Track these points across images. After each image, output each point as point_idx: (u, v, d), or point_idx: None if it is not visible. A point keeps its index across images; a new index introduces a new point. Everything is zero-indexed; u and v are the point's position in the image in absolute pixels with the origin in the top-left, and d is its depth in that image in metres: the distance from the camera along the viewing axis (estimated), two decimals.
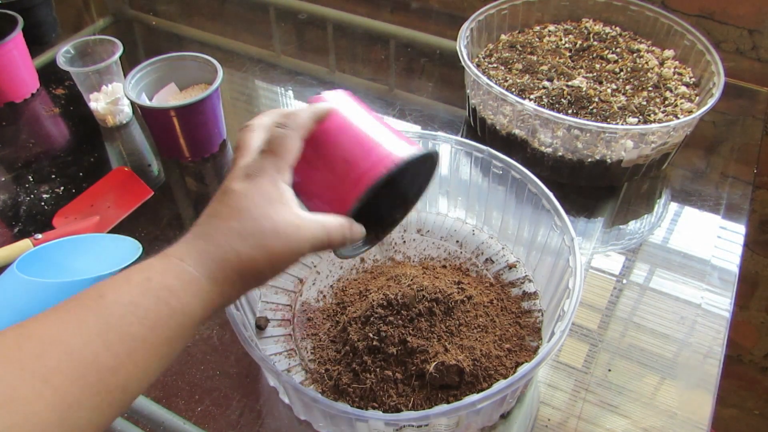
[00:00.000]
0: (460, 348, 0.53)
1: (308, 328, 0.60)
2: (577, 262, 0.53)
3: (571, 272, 0.53)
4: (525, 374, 0.45)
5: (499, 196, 0.65)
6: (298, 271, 0.65)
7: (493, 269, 0.65)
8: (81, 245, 0.67)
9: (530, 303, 0.61)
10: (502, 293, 0.62)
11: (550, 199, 0.58)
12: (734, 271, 0.66)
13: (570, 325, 0.48)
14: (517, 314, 0.60)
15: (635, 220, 0.72)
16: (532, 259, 0.64)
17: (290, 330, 0.60)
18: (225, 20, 1.11)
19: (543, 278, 0.61)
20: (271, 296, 0.63)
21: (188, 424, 0.54)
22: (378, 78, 0.95)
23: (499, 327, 0.57)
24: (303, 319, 0.61)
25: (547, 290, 0.60)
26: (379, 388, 0.52)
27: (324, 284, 0.64)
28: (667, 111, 0.73)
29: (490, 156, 0.63)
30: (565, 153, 0.71)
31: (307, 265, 0.66)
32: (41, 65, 0.98)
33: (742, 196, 0.74)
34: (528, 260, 0.65)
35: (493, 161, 0.63)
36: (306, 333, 0.60)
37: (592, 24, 0.88)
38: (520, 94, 0.75)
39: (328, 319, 0.60)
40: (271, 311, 0.61)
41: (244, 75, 0.97)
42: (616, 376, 0.57)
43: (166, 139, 0.78)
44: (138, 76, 0.79)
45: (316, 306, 0.62)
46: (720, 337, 0.60)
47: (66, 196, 0.76)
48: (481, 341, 0.55)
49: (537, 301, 0.61)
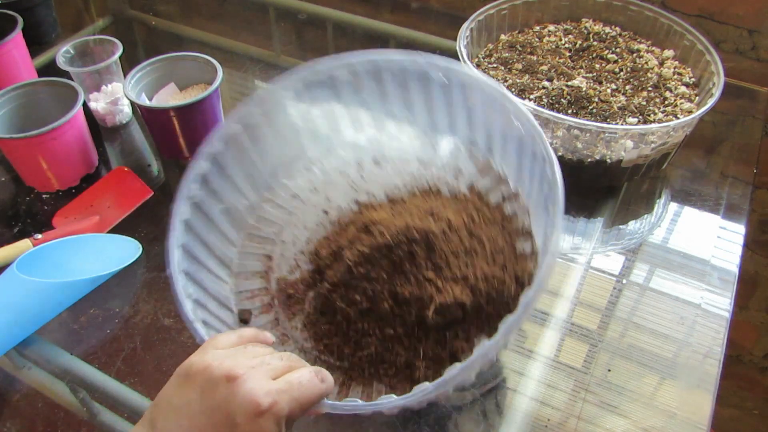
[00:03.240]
0: (453, 281, 0.50)
1: (293, 305, 0.56)
2: (549, 151, 0.47)
3: (546, 160, 0.47)
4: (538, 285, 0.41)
5: (448, 101, 0.58)
6: (263, 247, 0.59)
7: (464, 179, 0.60)
8: (81, 245, 0.67)
9: (512, 205, 0.56)
10: (481, 203, 0.56)
11: (504, 95, 0.51)
12: (734, 271, 0.66)
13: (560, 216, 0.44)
14: (501, 222, 0.55)
15: (635, 220, 0.72)
16: (503, 157, 0.57)
17: (274, 314, 0.55)
18: (225, 20, 1.11)
19: (519, 174, 0.55)
20: (243, 284, 0.56)
21: None
22: None
23: (486, 243, 0.53)
24: (284, 297, 0.56)
25: (527, 185, 0.54)
26: (385, 349, 0.49)
27: (293, 252, 0.58)
28: (667, 111, 0.73)
29: (428, 65, 0.56)
30: (564, 153, 0.71)
31: (269, 237, 0.59)
32: (41, 65, 0.98)
33: (741, 196, 0.74)
34: (501, 158, 0.58)
35: (431, 70, 0.56)
36: (292, 312, 0.55)
37: (592, 24, 0.88)
38: (520, 94, 0.75)
39: (309, 289, 0.56)
40: (249, 300, 0.56)
41: (244, 75, 0.97)
42: (616, 376, 0.57)
43: (166, 139, 0.78)
44: (138, 76, 0.79)
45: (293, 279, 0.57)
46: (720, 337, 0.60)
47: (66, 196, 0.76)
48: (473, 266, 0.51)
49: (519, 202, 0.55)
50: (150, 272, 0.67)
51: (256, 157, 0.58)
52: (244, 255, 0.57)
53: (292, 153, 0.61)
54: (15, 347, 0.60)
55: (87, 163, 0.78)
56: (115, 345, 0.60)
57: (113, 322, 0.62)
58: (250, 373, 0.38)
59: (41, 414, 0.56)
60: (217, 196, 0.55)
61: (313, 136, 0.62)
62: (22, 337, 0.61)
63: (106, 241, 0.69)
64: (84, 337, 0.61)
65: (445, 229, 0.52)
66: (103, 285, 0.65)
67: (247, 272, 0.57)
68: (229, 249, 0.56)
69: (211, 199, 0.54)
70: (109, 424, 0.55)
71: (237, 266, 0.56)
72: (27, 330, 0.61)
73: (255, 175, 0.59)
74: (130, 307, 0.64)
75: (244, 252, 0.57)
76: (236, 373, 0.37)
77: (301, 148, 0.62)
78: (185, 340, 0.60)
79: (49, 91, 0.77)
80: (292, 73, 0.57)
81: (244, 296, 0.56)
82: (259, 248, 0.58)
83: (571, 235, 0.71)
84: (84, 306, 0.64)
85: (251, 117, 0.56)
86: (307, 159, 0.62)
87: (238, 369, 0.38)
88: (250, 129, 0.56)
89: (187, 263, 0.51)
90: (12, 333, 0.60)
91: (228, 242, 0.56)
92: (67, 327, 0.62)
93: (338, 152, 0.63)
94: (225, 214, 0.56)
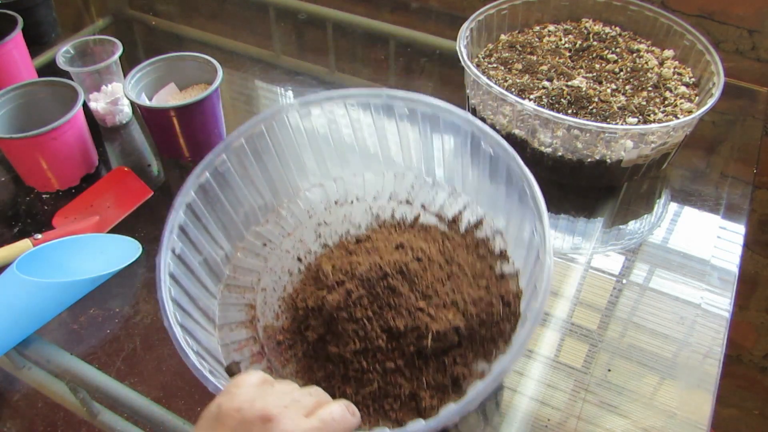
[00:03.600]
0: (444, 308, 0.50)
1: (284, 351, 0.54)
2: (515, 156, 0.49)
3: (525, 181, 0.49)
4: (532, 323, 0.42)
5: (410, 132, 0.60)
6: (243, 297, 0.58)
7: (432, 209, 0.61)
8: (81, 245, 0.67)
9: (484, 229, 0.57)
10: (451, 231, 0.57)
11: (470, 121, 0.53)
12: (734, 271, 0.66)
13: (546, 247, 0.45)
14: (474, 247, 0.56)
15: (635, 220, 0.72)
16: (462, 182, 0.59)
17: (266, 362, 0.54)
18: (225, 20, 1.11)
19: (480, 197, 0.57)
20: (228, 336, 0.55)
21: (188, 424, 0.54)
22: (378, 78, 0.95)
23: (466, 267, 0.53)
24: (273, 344, 0.55)
25: (493, 209, 0.55)
26: (387, 383, 0.49)
27: (275, 298, 0.58)
28: (667, 111, 0.73)
29: (389, 98, 0.57)
30: (564, 153, 0.71)
31: (248, 286, 0.59)
32: (41, 65, 0.98)
33: (741, 196, 0.74)
34: (460, 185, 0.59)
35: (395, 102, 0.57)
36: (284, 358, 0.54)
37: (592, 24, 0.88)
38: (520, 94, 0.75)
39: (298, 335, 0.54)
40: (237, 352, 0.54)
41: (244, 75, 0.97)
42: (616, 376, 0.57)
43: (165, 139, 0.78)
44: (138, 76, 0.79)
45: (279, 326, 0.56)
46: (720, 337, 0.60)
47: (66, 196, 0.76)
48: (459, 291, 0.51)
49: (487, 226, 0.57)
50: (150, 272, 0.67)
51: (228, 205, 0.58)
52: (224, 306, 0.56)
53: (261, 200, 0.61)
54: (15, 347, 0.60)
55: (87, 163, 0.78)
56: (115, 345, 0.60)
57: (113, 322, 0.62)
58: (284, 413, 0.38)
59: (41, 414, 0.56)
60: (195, 247, 0.54)
61: (281, 180, 0.62)
62: (22, 337, 0.61)
63: (106, 241, 0.69)
64: (84, 337, 0.61)
65: (422, 257, 0.53)
66: (103, 285, 0.65)
67: (231, 323, 0.56)
68: (211, 301, 0.55)
69: (191, 250, 0.53)
70: (109, 424, 0.55)
71: (219, 318, 0.55)
72: (27, 330, 0.61)
73: (228, 225, 0.58)
74: (130, 307, 0.64)
75: (225, 303, 0.56)
76: (270, 414, 0.37)
77: (271, 193, 0.62)
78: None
79: (49, 91, 0.77)
80: (258, 118, 0.58)
81: (231, 348, 0.54)
82: (239, 298, 0.58)
83: (571, 235, 0.71)
84: (84, 306, 0.64)
85: (221, 164, 0.56)
86: (275, 204, 0.63)
87: (272, 410, 0.37)
88: (219, 177, 0.56)
89: (180, 316, 0.49)
90: (12, 333, 0.60)
91: (209, 294, 0.55)
92: (67, 327, 0.62)
93: (305, 195, 0.64)
94: (204, 265, 0.55)
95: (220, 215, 0.57)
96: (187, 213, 0.53)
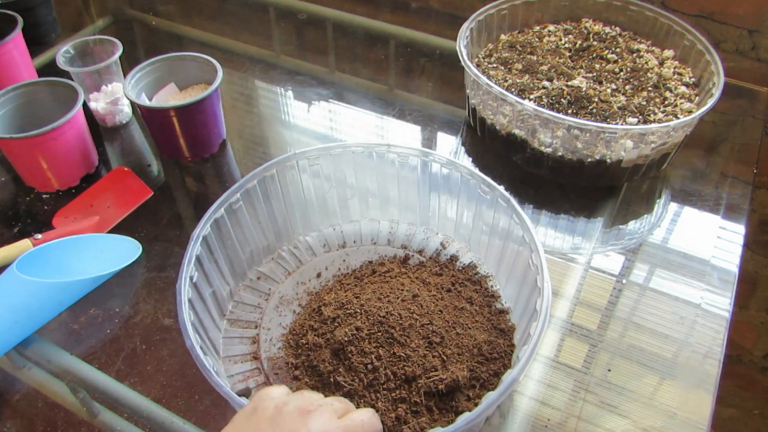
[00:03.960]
0: (451, 353, 0.51)
1: (290, 381, 0.55)
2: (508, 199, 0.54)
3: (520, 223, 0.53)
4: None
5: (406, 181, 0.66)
6: (246, 331, 0.60)
7: (427, 254, 0.65)
8: (81, 245, 0.67)
9: (472, 271, 0.62)
10: (449, 274, 0.61)
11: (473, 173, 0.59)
12: (734, 271, 0.66)
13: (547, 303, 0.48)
14: (470, 286, 0.59)
15: (635, 220, 0.72)
16: (466, 229, 0.64)
17: None
18: (225, 20, 1.11)
19: (473, 242, 0.63)
20: (232, 368, 0.56)
21: (188, 424, 0.54)
22: (378, 78, 0.95)
23: (466, 305, 0.56)
24: (282, 375, 0.56)
25: (485, 252, 0.62)
26: (396, 420, 0.49)
27: (277, 333, 0.59)
28: (667, 111, 0.73)
29: (388, 149, 0.64)
30: (564, 153, 0.71)
31: (251, 321, 0.60)
32: (41, 65, 0.98)
33: (741, 196, 0.74)
34: (462, 231, 0.65)
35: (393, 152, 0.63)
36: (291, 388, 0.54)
37: (592, 24, 0.88)
38: (520, 94, 0.75)
39: (302, 369, 0.55)
40: (241, 383, 0.55)
41: (244, 75, 0.97)
42: (616, 376, 0.57)
43: (165, 139, 0.78)
44: (138, 76, 0.79)
45: (283, 358, 0.57)
46: (720, 337, 0.60)
47: (66, 196, 0.76)
48: (464, 333, 0.53)
49: (479, 267, 0.62)
50: (150, 272, 0.67)
51: (237, 243, 0.61)
52: (228, 340, 0.59)
53: (265, 241, 0.65)
54: (15, 347, 0.60)
55: (87, 163, 0.78)
56: (115, 345, 0.60)
57: (113, 322, 0.62)
58: (320, 409, 0.40)
59: (41, 414, 0.56)
60: (207, 278, 0.57)
61: (285, 223, 0.66)
62: (22, 337, 0.61)
63: (106, 241, 0.69)
64: (84, 337, 0.61)
65: (422, 295, 0.56)
66: (103, 285, 0.65)
67: (235, 356, 0.58)
68: (216, 333, 0.58)
69: (203, 281, 0.56)
70: (109, 424, 0.55)
71: (223, 351, 0.57)
72: (27, 330, 0.61)
73: (234, 262, 0.62)
74: (130, 307, 0.64)
75: (228, 337, 0.59)
76: (308, 408, 0.40)
77: (274, 235, 0.66)
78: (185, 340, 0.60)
79: (49, 91, 0.77)
80: (271, 162, 0.62)
81: (236, 379, 0.56)
82: (242, 332, 0.60)
83: (571, 235, 0.71)
84: (84, 306, 0.64)
85: (236, 202, 0.60)
86: (277, 245, 0.67)
87: (308, 405, 0.40)
88: (232, 214, 0.60)
89: (198, 339, 0.51)
90: (12, 333, 0.60)
91: (215, 326, 0.58)
92: (67, 327, 0.62)
93: (304, 239, 0.68)
94: (212, 297, 0.58)
95: (229, 251, 0.61)
96: (203, 245, 0.56)
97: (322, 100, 0.91)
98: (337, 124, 0.88)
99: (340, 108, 0.90)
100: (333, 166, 0.65)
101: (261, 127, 0.88)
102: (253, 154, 0.83)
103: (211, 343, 0.55)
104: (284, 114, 0.91)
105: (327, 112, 0.90)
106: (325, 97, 0.92)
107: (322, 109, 0.90)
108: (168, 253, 0.69)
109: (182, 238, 0.70)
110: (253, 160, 0.82)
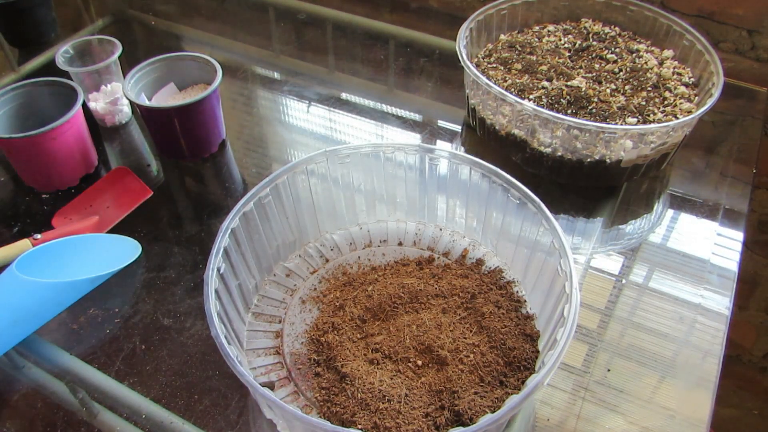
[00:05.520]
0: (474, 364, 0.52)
1: (311, 378, 0.55)
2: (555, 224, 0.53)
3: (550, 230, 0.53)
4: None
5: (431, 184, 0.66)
6: (270, 325, 0.60)
7: (452, 256, 0.65)
8: (80, 245, 0.67)
9: (498, 275, 0.62)
10: (474, 278, 0.61)
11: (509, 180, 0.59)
12: (733, 271, 0.66)
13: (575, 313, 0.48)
14: (497, 290, 0.60)
15: (634, 220, 0.72)
16: (494, 233, 0.64)
17: (293, 386, 0.55)
18: (225, 20, 1.11)
19: (500, 246, 0.63)
20: (255, 361, 0.57)
21: (188, 424, 0.54)
22: (377, 78, 0.95)
23: (494, 308, 0.57)
24: (301, 371, 0.56)
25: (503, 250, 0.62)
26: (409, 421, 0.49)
27: (300, 329, 0.59)
28: (667, 111, 0.73)
29: (423, 150, 0.64)
30: (564, 153, 0.71)
31: (276, 315, 0.61)
32: (40, 65, 0.98)
33: (741, 196, 0.74)
34: (490, 234, 0.65)
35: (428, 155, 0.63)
36: (311, 385, 0.55)
37: (592, 24, 0.88)
38: (520, 94, 0.75)
39: (323, 366, 0.55)
40: (263, 376, 0.56)
41: (244, 75, 0.97)
42: (616, 375, 0.57)
43: (165, 139, 0.78)
44: (137, 76, 0.79)
45: (305, 354, 0.57)
46: (719, 337, 0.60)
47: (65, 196, 0.76)
48: (490, 332, 0.54)
49: (505, 272, 0.62)
50: (149, 272, 0.67)
51: (264, 237, 0.62)
52: (252, 333, 0.59)
53: (292, 236, 0.66)
54: (15, 347, 0.60)
55: (86, 163, 0.78)
56: (115, 345, 0.60)
57: (113, 322, 0.62)
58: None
59: (41, 414, 0.56)
60: (234, 271, 0.57)
61: (312, 220, 0.67)
62: (22, 337, 0.61)
63: (105, 241, 0.69)
64: (83, 337, 0.61)
65: (448, 298, 0.57)
66: (103, 285, 0.65)
67: (258, 349, 0.58)
68: (241, 326, 0.59)
69: (230, 273, 0.57)
70: (109, 424, 0.55)
71: (247, 343, 0.58)
72: (27, 330, 0.61)
73: (261, 256, 0.62)
74: (129, 307, 0.64)
75: (252, 330, 0.59)
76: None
77: (300, 231, 0.66)
78: (185, 340, 0.60)
79: (48, 91, 0.77)
80: (301, 160, 0.62)
81: (259, 372, 0.56)
82: (267, 326, 0.60)
83: (571, 235, 0.71)
84: (84, 306, 0.64)
85: (265, 196, 0.60)
86: (302, 242, 0.67)
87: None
88: (261, 208, 0.60)
89: (223, 329, 0.51)
90: (12, 333, 0.60)
91: (240, 319, 0.59)
92: (67, 327, 0.62)
93: (330, 237, 0.68)
94: (238, 290, 0.58)
95: (256, 245, 0.61)
96: (231, 237, 0.56)
97: (321, 100, 0.91)
98: (337, 124, 0.88)
99: (339, 108, 0.90)
100: (362, 166, 0.65)
101: (260, 127, 0.88)
102: (253, 154, 0.83)
103: (235, 335, 0.55)
104: (284, 114, 0.91)
105: (326, 112, 0.90)
106: (324, 97, 0.92)
107: (322, 109, 0.90)
108: (167, 253, 0.69)
109: (182, 238, 0.70)
110: (253, 160, 0.82)
